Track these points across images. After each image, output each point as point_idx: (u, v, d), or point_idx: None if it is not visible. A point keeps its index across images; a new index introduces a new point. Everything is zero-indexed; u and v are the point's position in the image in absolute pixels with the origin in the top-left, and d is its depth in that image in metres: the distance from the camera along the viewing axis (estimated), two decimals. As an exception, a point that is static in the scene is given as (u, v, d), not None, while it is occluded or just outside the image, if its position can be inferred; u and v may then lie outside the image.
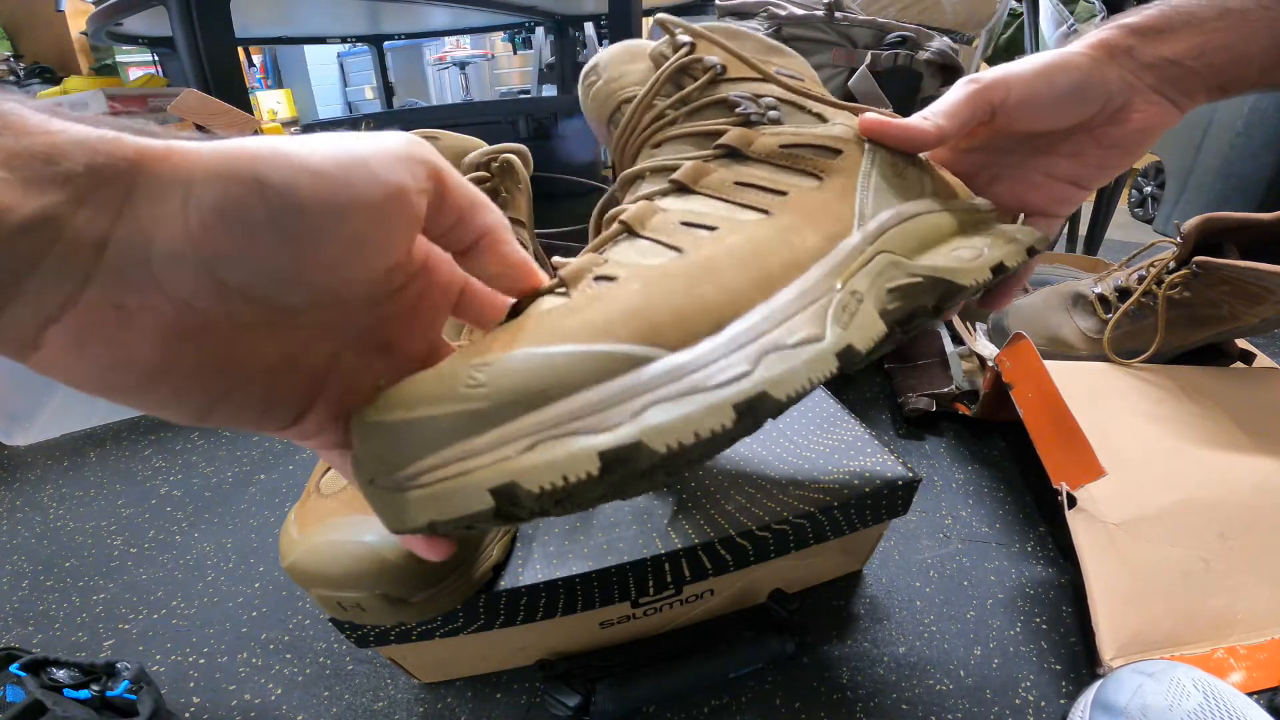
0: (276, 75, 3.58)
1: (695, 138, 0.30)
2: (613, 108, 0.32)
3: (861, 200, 0.28)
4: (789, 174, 0.28)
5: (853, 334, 0.21)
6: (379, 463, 0.17)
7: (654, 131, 0.31)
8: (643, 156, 0.31)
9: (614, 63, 0.33)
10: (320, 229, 0.15)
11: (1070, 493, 0.41)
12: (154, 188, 0.14)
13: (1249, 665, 0.37)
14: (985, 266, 0.28)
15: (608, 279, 0.21)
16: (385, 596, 0.27)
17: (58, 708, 0.32)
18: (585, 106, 0.34)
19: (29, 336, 0.14)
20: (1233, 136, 1.24)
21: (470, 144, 0.36)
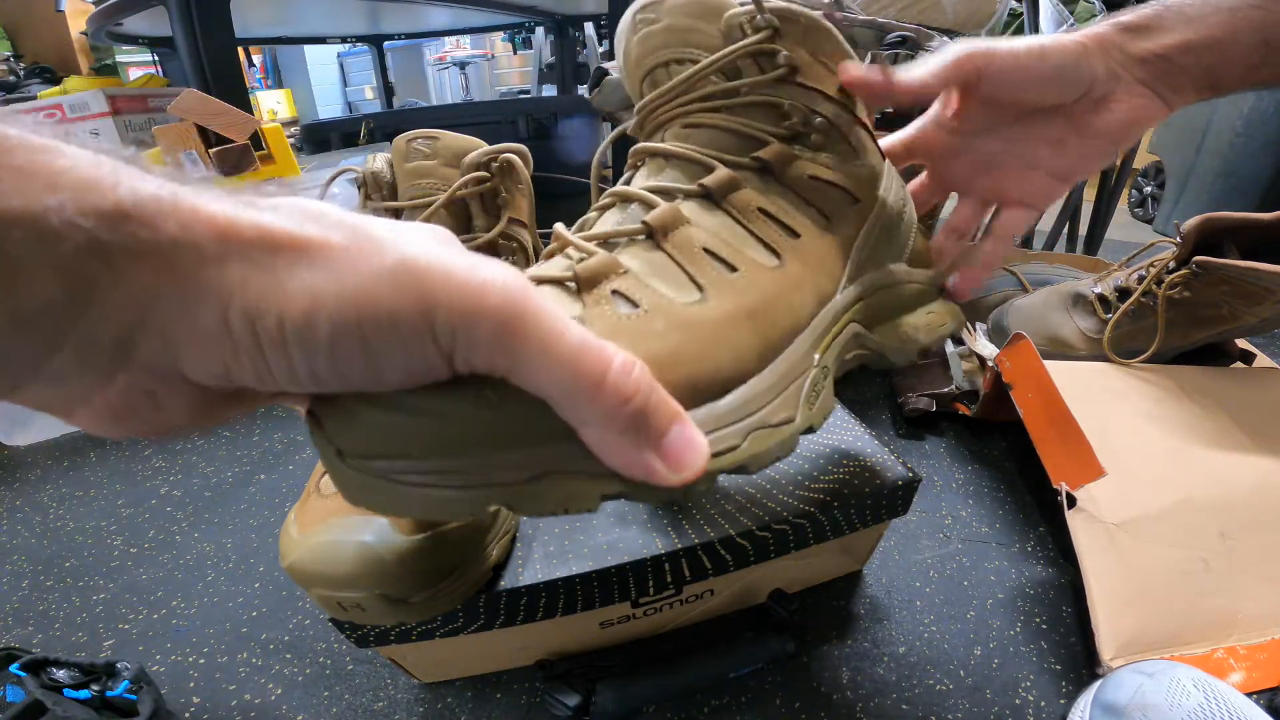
0: (276, 75, 3.58)
1: (735, 135, 0.28)
2: (659, 62, 0.28)
3: (856, 258, 0.30)
4: (805, 210, 0.28)
5: (815, 415, 0.25)
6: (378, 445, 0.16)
7: (696, 110, 0.28)
8: (672, 133, 0.28)
9: (682, 12, 0.28)
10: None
11: (1070, 493, 0.41)
12: (184, 302, 0.12)
13: (1249, 665, 0.37)
14: (915, 350, 0.32)
15: (629, 301, 0.22)
16: (385, 596, 0.27)
17: (58, 708, 0.32)
18: (626, 47, 0.29)
19: (58, 409, 0.13)
20: (1233, 136, 1.24)
21: (470, 144, 0.36)
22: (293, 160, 0.83)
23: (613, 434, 0.15)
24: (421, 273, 0.13)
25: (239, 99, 0.83)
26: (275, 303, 0.12)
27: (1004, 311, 0.64)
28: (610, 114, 0.74)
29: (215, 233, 0.12)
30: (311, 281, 0.13)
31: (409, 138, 0.36)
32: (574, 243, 0.24)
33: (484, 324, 0.13)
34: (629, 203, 0.27)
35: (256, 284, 0.12)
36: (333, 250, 0.13)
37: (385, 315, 0.13)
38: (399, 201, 0.36)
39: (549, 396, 0.14)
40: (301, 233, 0.13)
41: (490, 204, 0.37)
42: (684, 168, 0.27)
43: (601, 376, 0.14)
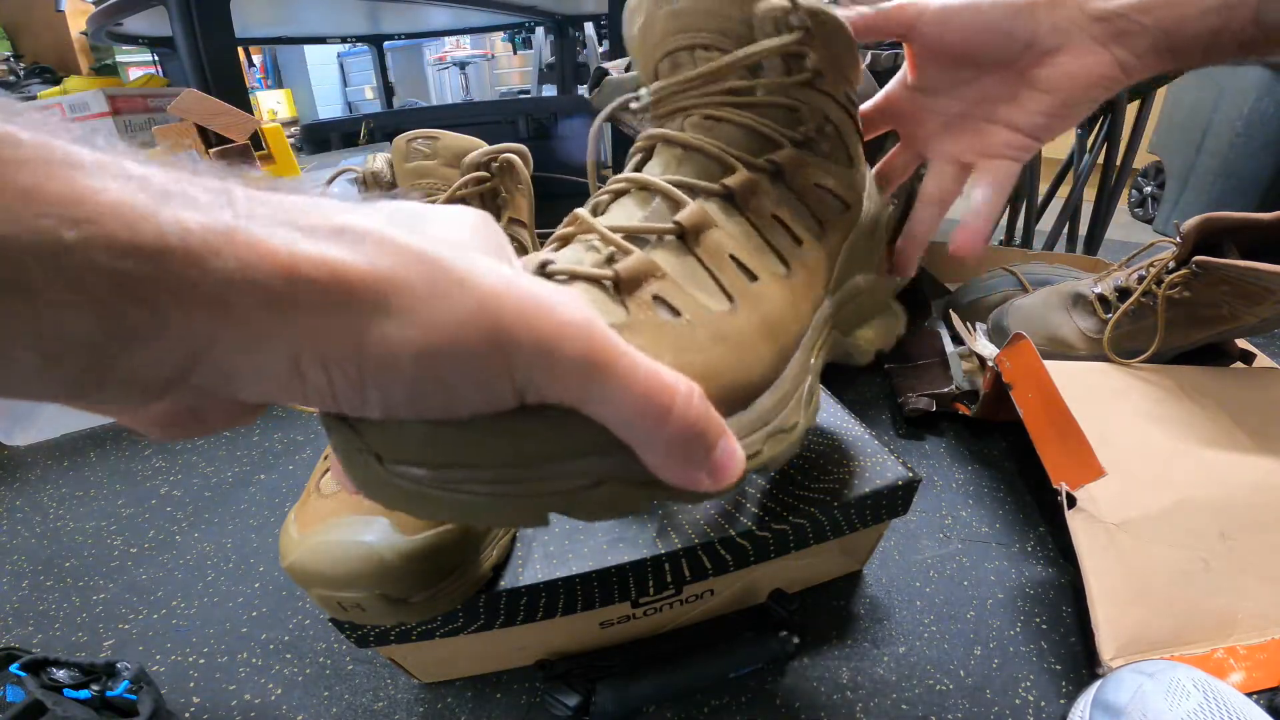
0: (276, 75, 3.58)
1: (753, 134, 0.27)
2: (684, 45, 0.27)
3: (841, 266, 0.31)
4: (807, 219, 0.29)
5: (810, 416, 0.26)
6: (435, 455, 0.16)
7: (718, 103, 0.27)
8: (692, 122, 0.27)
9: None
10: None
11: (1070, 493, 0.41)
12: (247, 345, 0.11)
13: (1249, 665, 0.37)
14: (873, 350, 0.35)
15: (671, 309, 0.22)
16: (385, 596, 0.27)
17: (58, 708, 0.32)
18: (646, 19, 0.28)
19: (101, 412, 0.13)
20: (1233, 136, 1.24)
21: (470, 144, 0.36)
22: (293, 160, 0.83)
23: (670, 456, 0.15)
24: (502, 316, 0.13)
25: (239, 99, 0.83)
26: (353, 353, 0.12)
27: (1004, 311, 0.64)
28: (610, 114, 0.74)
29: (280, 272, 0.11)
30: (392, 332, 0.12)
31: (409, 138, 0.36)
32: (601, 232, 0.24)
33: (562, 366, 0.13)
34: (650, 193, 0.26)
35: (331, 334, 0.12)
36: (412, 295, 0.12)
37: (466, 361, 0.13)
38: (399, 201, 0.36)
39: (615, 425, 0.15)
40: (375, 272, 0.12)
41: (490, 204, 0.37)
42: (702, 163, 0.27)
43: (668, 409, 0.14)
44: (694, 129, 0.27)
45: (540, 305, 0.13)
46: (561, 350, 0.13)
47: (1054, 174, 1.00)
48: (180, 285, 0.10)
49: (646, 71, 0.29)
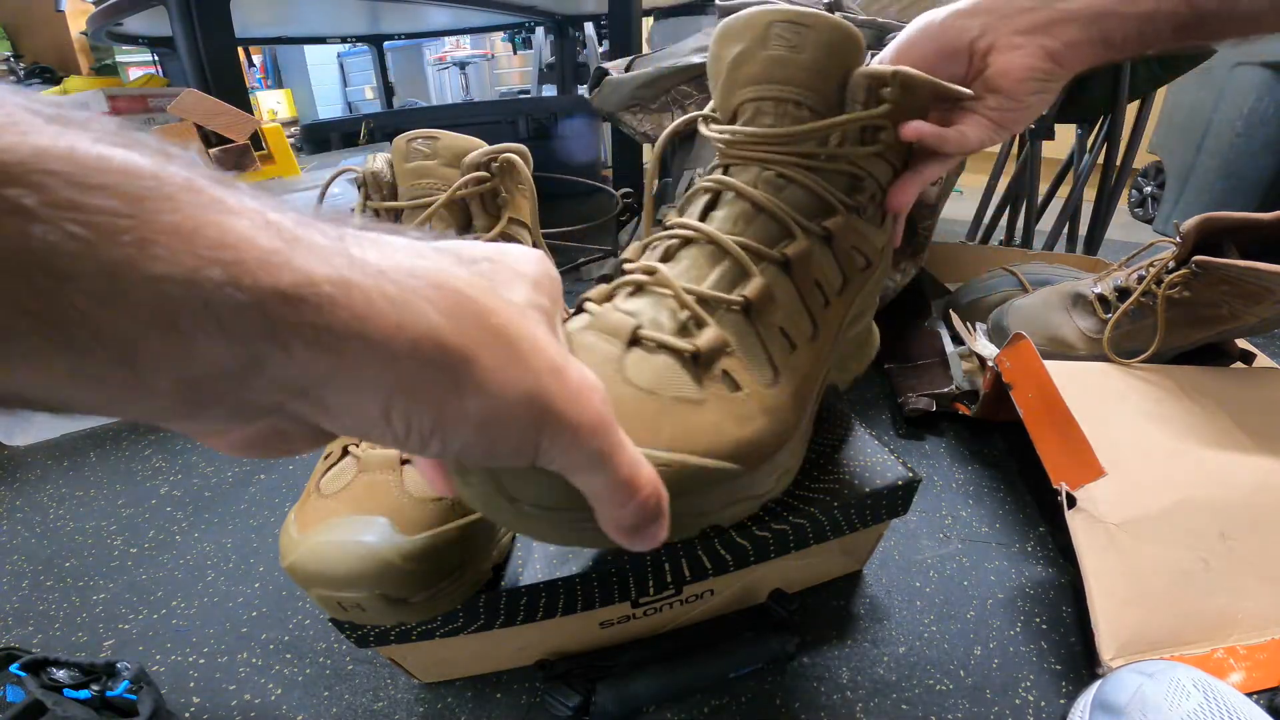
0: (276, 75, 3.57)
1: (814, 197, 0.28)
2: (772, 95, 0.27)
3: (851, 314, 0.32)
4: (837, 278, 0.30)
5: (805, 450, 0.31)
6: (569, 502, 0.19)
7: (791, 162, 0.28)
8: (765, 179, 0.28)
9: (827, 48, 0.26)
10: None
11: (1070, 493, 0.41)
12: (351, 388, 0.13)
13: (1249, 665, 0.37)
14: (853, 378, 0.41)
15: (733, 383, 0.25)
16: (385, 596, 0.27)
17: (58, 708, 0.32)
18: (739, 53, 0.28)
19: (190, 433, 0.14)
20: (1233, 137, 1.24)
21: (470, 144, 0.36)
22: (293, 160, 0.83)
23: (618, 527, 0.18)
24: (552, 402, 0.15)
25: (239, 99, 0.83)
26: (434, 409, 0.14)
27: (1004, 311, 0.64)
28: (610, 114, 0.74)
29: (388, 329, 0.12)
30: (467, 397, 0.14)
31: (409, 138, 0.36)
32: (681, 298, 0.26)
33: (579, 448, 0.16)
34: (718, 251, 0.27)
35: (422, 389, 0.13)
36: (487, 368, 0.14)
37: (513, 430, 0.15)
38: (399, 201, 0.36)
39: (590, 493, 0.17)
40: (463, 342, 0.14)
41: (490, 204, 0.37)
42: (767, 225, 0.28)
43: (631, 498, 0.17)
44: (766, 186, 0.28)
45: (579, 398, 0.16)
46: (583, 437, 0.16)
47: (1054, 174, 1.00)
48: (304, 328, 0.11)
49: (725, 102, 0.29)
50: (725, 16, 0.65)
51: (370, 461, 0.30)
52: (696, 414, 0.23)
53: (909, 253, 0.69)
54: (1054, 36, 0.28)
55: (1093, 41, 0.28)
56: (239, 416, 0.13)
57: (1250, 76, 1.20)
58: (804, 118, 0.27)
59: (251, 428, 0.14)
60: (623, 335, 0.24)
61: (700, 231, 0.27)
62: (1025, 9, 0.28)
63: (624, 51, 1.20)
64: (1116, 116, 0.84)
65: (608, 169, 1.68)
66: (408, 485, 0.30)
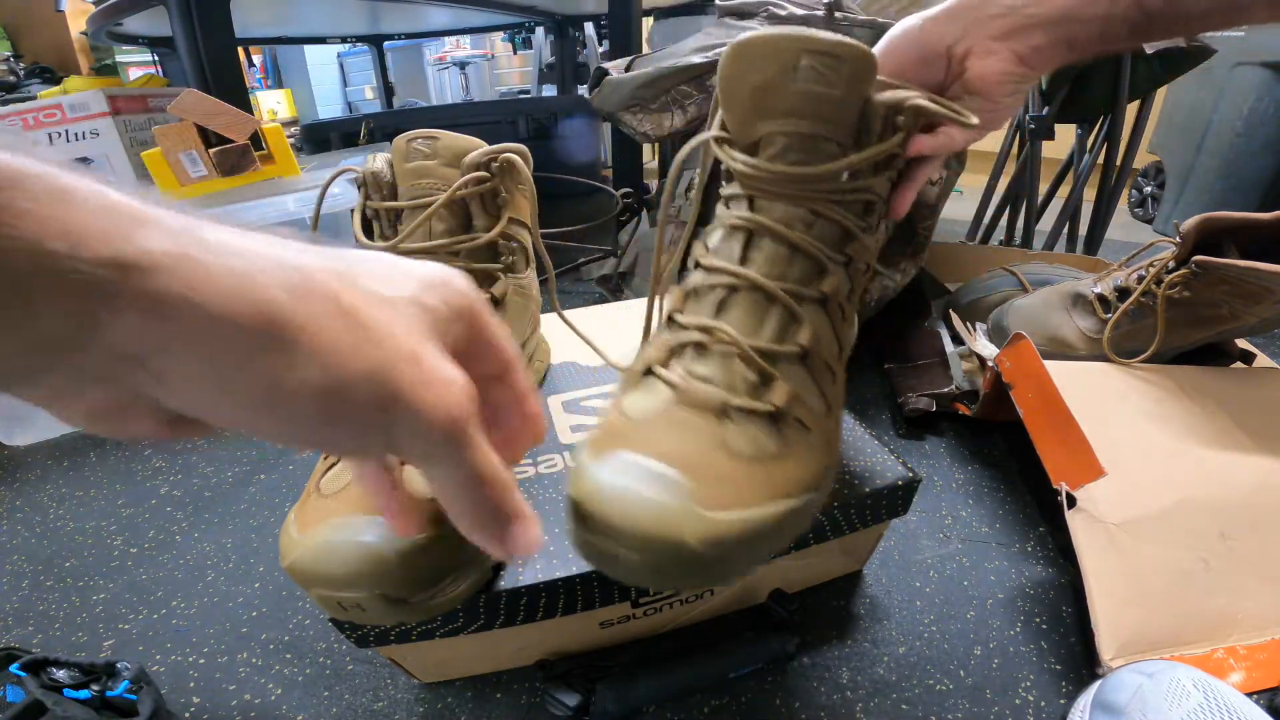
0: (276, 75, 3.57)
1: (838, 227, 0.29)
2: (802, 130, 0.27)
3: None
4: (853, 295, 0.31)
5: None
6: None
7: (821, 199, 0.28)
8: (798, 215, 0.28)
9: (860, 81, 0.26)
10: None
11: (1070, 493, 0.41)
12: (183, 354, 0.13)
13: (1249, 665, 0.37)
14: None
15: (804, 427, 0.28)
16: (385, 596, 0.27)
17: (58, 708, 0.32)
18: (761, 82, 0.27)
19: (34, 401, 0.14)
20: (1233, 137, 1.24)
21: (470, 144, 0.36)
22: (293, 160, 0.83)
23: (473, 523, 0.19)
24: (400, 384, 0.15)
25: (239, 99, 0.83)
26: (264, 381, 0.14)
27: (1004, 311, 0.64)
28: (610, 114, 0.74)
29: (221, 299, 0.13)
30: (298, 371, 0.14)
31: (409, 138, 0.35)
32: (750, 356, 0.27)
33: (432, 440, 0.16)
34: (765, 298, 0.28)
35: (254, 361, 0.14)
36: (322, 343, 0.14)
37: (354, 411, 0.15)
38: (399, 201, 0.36)
39: (440, 487, 0.18)
40: (296, 319, 0.14)
41: (490, 204, 0.37)
42: (805, 265, 0.29)
43: (486, 492, 0.18)
44: (800, 225, 0.28)
45: (433, 385, 0.16)
46: (436, 425, 0.16)
47: (1054, 174, 1.00)
48: (137, 295, 0.12)
49: (745, 128, 0.29)
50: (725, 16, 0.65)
51: (370, 461, 0.30)
52: (786, 464, 0.26)
53: (909, 253, 0.69)
54: (1023, 42, 0.29)
55: (1057, 45, 0.29)
56: (76, 383, 0.13)
57: (1250, 76, 1.20)
58: (833, 153, 0.28)
59: (91, 397, 0.14)
60: (714, 409, 0.26)
61: (746, 279, 0.28)
62: (996, 15, 0.29)
63: (624, 51, 1.20)
64: (1116, 116, 0.84)
65: (608, 169, 1.68)
66: (408, 484, 0.30)
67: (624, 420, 0.27)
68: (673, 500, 0.23)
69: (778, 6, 0.68)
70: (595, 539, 0.23)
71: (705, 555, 0.22)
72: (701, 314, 0.29)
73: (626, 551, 0.23)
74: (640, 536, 0.22)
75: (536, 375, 0.49)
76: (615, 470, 0.24)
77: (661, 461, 0.24)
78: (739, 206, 0.30)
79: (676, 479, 0.23)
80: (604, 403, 0.47)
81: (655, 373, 0.28)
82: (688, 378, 0.27)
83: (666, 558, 0.22)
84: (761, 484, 0.25)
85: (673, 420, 0.26)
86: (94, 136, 0.97)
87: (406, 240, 0.35)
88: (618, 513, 0.23)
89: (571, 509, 0.24)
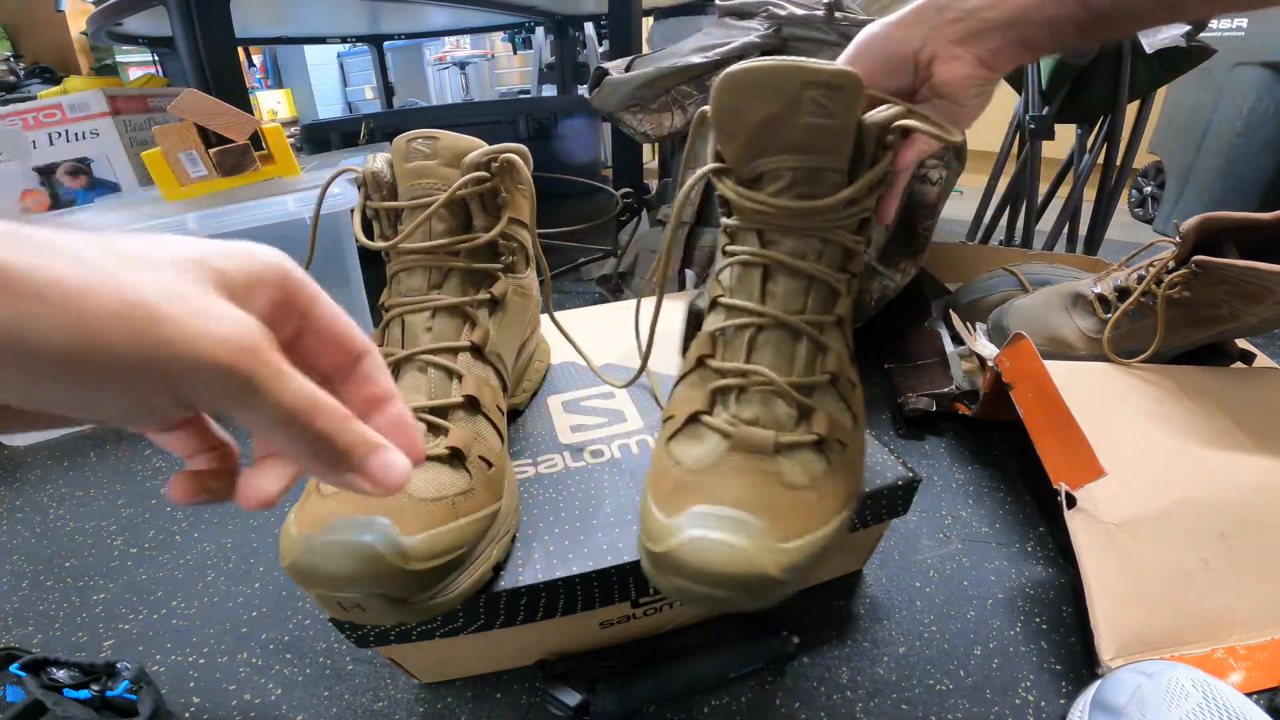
0: (276, 75, 3.57)
1: (842, 249, 0.30)
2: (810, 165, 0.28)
3: None
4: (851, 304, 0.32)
5: None
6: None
7: (832, 226, 0.29)
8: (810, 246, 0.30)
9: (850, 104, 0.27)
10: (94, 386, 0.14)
11: (1070, 493, 0.41)
12: None
13: (1249, 665, 0.37)
14: None
15: (843, 445, 0.30)
16: (385, 597, 0.27)
17: (58, 708, 0.32)
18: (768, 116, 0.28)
19: None
20: (1233, 137, 1.24)
21: (470, 144, 0.36)
22: (293, 160, 0.83)
23: (315, 460, 0.17)
24: (153, 319, 0.13)
25: (239, 99, 0.82)
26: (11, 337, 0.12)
27: (1004, 311, 0.64)
28: (610, 114, 0.74)
29: None
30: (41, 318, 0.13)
31: (409, 138, 0.35)
32: (789, 393, 0.29)
33: (218, 382, 0.14)
34: (790, 333, 0.30)
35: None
36: (64, 288, 0.13)
37: (112, 354, 0.13)
38: (399, 201, 0.36)
39: (262, 431, 0.16)
40: (35, 267, 0.13)
41: (490, 204, 0.37)
42: (822, 293, 0.30)
43: (310, 423, 0.16)
44: (812, 254, 0.30)
45: (208, 317, 0.14)
46: (224, 361, 0.14)
47: (1054, 174, 1.00)
48: None
49: (746, 160, 0.29)
50: (725, 16, 0.65)
51: (370, 461, 0.30)
52: (835, 481, 0.29)
53: (909, 253, 0.69)
54: (982, 45, 0.30)
55: (1012, 45, 0.30)
56: None
57: (1250, 76, 1.19)
58: (837, 181, 0.28)
59: None
60: (769, 449, 0.28)
61: (771, 316, 0.30)
62: (954, 20, 0.30)
63: (624, 51, 1.20)
64: (1116, 116, 0.84)
65: (608, 169, 1.68)
66: (408, 485, 0.30)
67: (683, 471, 0.29)
68: (751, 543, 0.25)
69: (777, 6, 0.68)
70: (687, 584, 0.26)
71: (785, 580, 0.25)
72: (735, 358, 0.30)
73: (715, 590, 0.25)
74: (731, 578, 0.25)
75: (537, 375, 0.49)
76: (694, 523, 0.26)
77: (734, 508, 0.26)
78: (748, 240, 0.30)
79: (751, 521, 0.26)
80: (604, 403, 0.47)
81: (703, 421, 0.30)
82: (736, 422, 0.29)
83: (753, 591, 0.25)
84: (818, 507, 0.28)
85: (732, 467, 0.28)
86: (94, 136, 0.97)
87: (406, 240, 0.35)
88: (708, 561, 0.25)
89: (661, 560, 0.26)
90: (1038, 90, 0.85)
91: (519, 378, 0.45)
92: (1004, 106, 1.12)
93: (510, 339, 0.40)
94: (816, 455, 0.29)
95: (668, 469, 0.29)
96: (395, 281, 0.37)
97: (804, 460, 0.29)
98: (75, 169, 0.98)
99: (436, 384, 0.34)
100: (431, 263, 0.36)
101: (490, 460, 0.33)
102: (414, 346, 0.35)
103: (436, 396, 0.34)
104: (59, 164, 0.97)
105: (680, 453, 0.30)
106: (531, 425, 0.45)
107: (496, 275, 0.38)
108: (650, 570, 0.28)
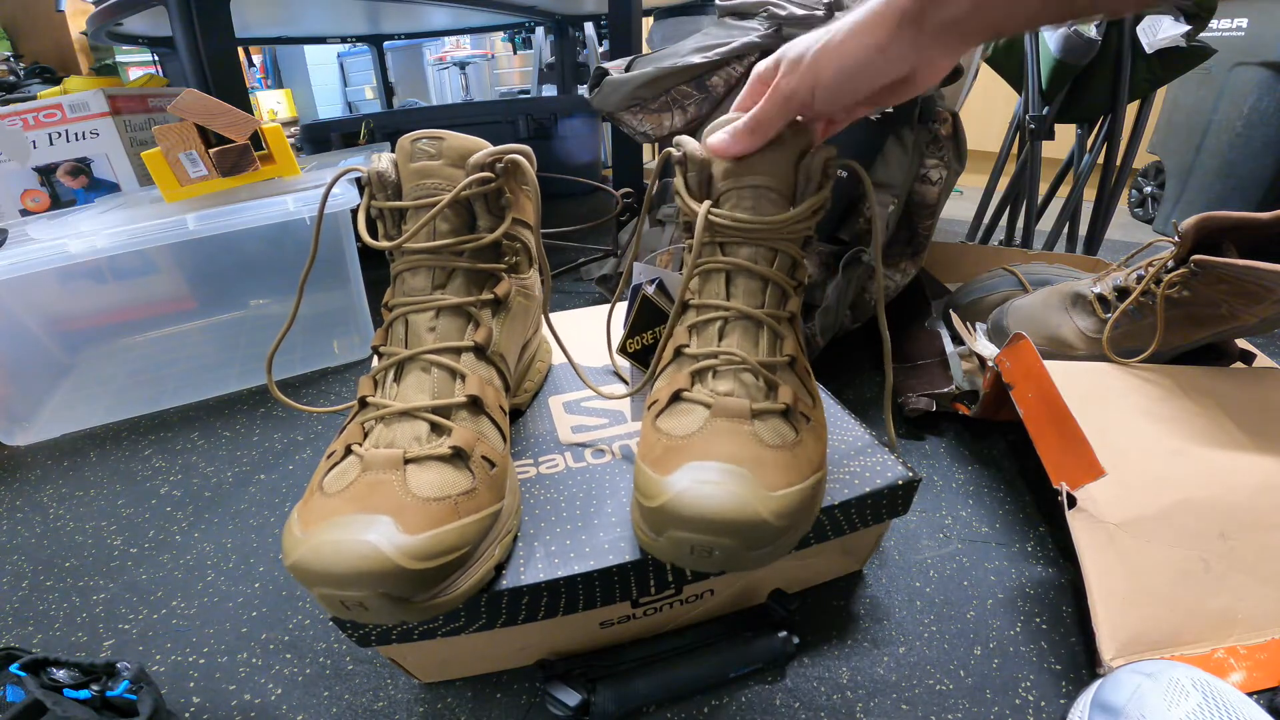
0: (276, 75, 3.57)
1: (789, 258, 0.35)
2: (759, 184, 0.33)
3: None
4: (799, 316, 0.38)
5: None
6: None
7: (783, 238, 0.34)
8: (760, 253, 0.34)
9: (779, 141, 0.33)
10: None
11: (1070, 493, 0.41)
12: None
13: (1249, 665, 0.37)
14: None
15: (807, 418, 0.34)
16: (388, 596, 0.27)
17: (58, 708, 0.32)
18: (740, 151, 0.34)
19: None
20: (1233, 137, 1.24)
21: (475, 144, 0.36)
22: (293, 160, 0.83)
23: None
24: None
25: (239, 99, 0.82)
26: None
27: (1004, 311, 0.64)
28: (610, 114, 0.74)
29: None
30: None
31: (413, 138, 0.35)
32: (757, 369, 0.33)
33: None
34: (753, 324, 0.34)
35: None
36: None
37: None
38: (404, 201, 0.36)
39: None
40: None
41: (495, 204, 0.37)
42: (775, 292, 0.35)
43: None
44: (765, 261, 0.34)
45: None
46: None
47: (1054, 174, 1.00)
48: None
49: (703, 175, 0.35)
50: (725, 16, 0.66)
51: (373, 460, 0.30)
52: (806, 447, 0.32)
53: (909, 253, 0.69)
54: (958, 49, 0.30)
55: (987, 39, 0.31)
56: None
57: (1250, 76, 1.20)
58: (778, 201, 0.34)
59: None
60: (744, 414, 0.32)
61: (735, 309, 0.34)
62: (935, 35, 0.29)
63: (624, 51, 1.20)
64: (1116, 116, 0.84)
65: (608, 169, 1.68)
66: (411, 484, 0.30)
67: (673, 440, 0.32)
68: (745, 489, 0.28)
69: (778, 6, 0.68)
70: (685, 534, 0.28)
71: (779, 526, 0.28)
72: (709, 344, 0.35)
73: (714, 536, 0.27)
74: (728, 523, 0.27)
75: (539, 376, 0.49)
76: (690, 477, 0.28)
77: (724, 462, 0.29)
78: (712, 252, 0.35)
79: (741, 472, 0.29)
80: (604, 404, 0.47)
81: (685, 398, 0.33)
82: (715, 394, 0.33)
83: (750, 536, 0.27)
84: (795, 464, 0.31)
85: (717, 430, 0.31)
86: (94, 136, 0.97)
87: (411, 240, 0.35)
88: (705, 508, 0.27)
89: (657, 514, 0.29)
90: (1038, 90, 0.85)
91: (521, 378, 0.46)
92: (1004, 107, 1.12)
93: (513, 339, 0.40)
94: (786, 422, 0.32)
95: (657, 440, 0.32)
96: (399, 281, 0.37)
97: (776, 426, 0.32)
98: (75, 169, 0.98)
99: (440, 384, 0.34)
100: (435, 263, 0.36)
101: (493, 460, 0.33)
102: (417, 346, 0.35)
103: (440, 396, 0.34)
104: (59, 164, 0.97)
105: (667, 426, 0.33)
106: (533, 425, 0.45)
107: (500, 276, 0.38)
108: (647, 531, 0.30)
